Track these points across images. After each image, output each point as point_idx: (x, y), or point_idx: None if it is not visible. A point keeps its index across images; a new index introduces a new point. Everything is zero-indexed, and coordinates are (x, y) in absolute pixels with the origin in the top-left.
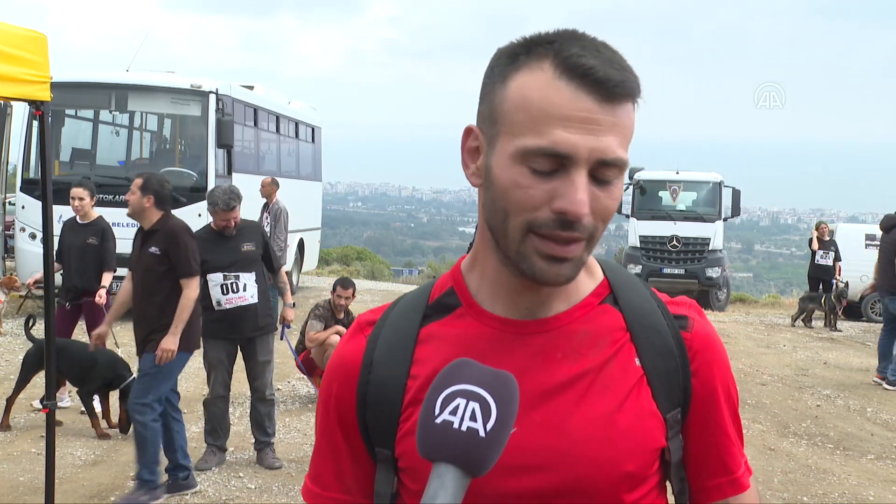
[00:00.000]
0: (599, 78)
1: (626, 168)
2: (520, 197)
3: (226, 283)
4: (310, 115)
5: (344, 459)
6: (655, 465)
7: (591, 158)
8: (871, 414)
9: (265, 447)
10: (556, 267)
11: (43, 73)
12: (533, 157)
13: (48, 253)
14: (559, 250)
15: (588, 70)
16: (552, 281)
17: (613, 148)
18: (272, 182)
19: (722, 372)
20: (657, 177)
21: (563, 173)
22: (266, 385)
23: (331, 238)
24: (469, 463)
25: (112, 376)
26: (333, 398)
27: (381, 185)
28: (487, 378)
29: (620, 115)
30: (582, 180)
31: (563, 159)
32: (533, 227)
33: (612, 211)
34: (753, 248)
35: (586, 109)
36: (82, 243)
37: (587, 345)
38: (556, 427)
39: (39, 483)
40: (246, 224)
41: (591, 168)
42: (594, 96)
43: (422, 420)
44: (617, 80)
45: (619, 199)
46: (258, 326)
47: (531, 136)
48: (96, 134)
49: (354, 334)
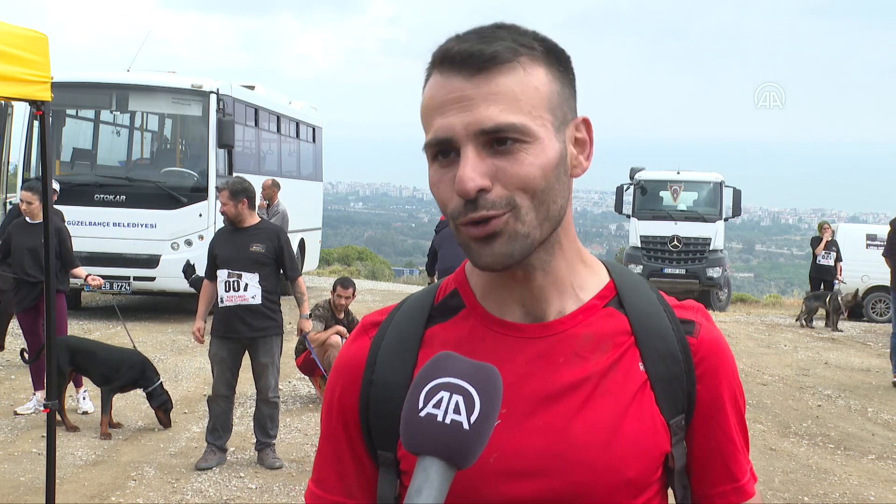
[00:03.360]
0: (456, 54)
1: (530, 129)
2: (437, 193)
3: (229, 280)
4: (310, 115)
5: (347, 462)
6: (658, 472)
7: (468, 133)
8: (872, 414)
9: (265, 447)
10: (489, 247)
11: (44, 73)
12: (431, 153)
13: (48, 252)
14: (478, 231)
15: (446, 52)
16: (491, 263)
17: (493, 115)
18: (273, 184)
19: (728, 378)
20: (658, 177)
21: (457, 158)
22: (269, 387)
23: (332, 238)
24: (454, 456)
25: (139, 376)
26: (337, 400)
27: (381, 185)
28: (470, 371)
29: (496, 83)
30: (467, 157)
31: (448, 143)
32: (454, 219)
33: (528, 177)
34: (754, 248)
35: (456, 89)
36: (36, 244)
37: (590, 349)
38: (558, 432)
39: (40, 483)
40: (264, 226)
41: (481, 141)
42: (461, 74)
43: (406, 414)
44: (474, 51)
45: (540, 163)
46: (256, 328)
47: (426, 135)
48: (97, 134)
49: (359, 336)
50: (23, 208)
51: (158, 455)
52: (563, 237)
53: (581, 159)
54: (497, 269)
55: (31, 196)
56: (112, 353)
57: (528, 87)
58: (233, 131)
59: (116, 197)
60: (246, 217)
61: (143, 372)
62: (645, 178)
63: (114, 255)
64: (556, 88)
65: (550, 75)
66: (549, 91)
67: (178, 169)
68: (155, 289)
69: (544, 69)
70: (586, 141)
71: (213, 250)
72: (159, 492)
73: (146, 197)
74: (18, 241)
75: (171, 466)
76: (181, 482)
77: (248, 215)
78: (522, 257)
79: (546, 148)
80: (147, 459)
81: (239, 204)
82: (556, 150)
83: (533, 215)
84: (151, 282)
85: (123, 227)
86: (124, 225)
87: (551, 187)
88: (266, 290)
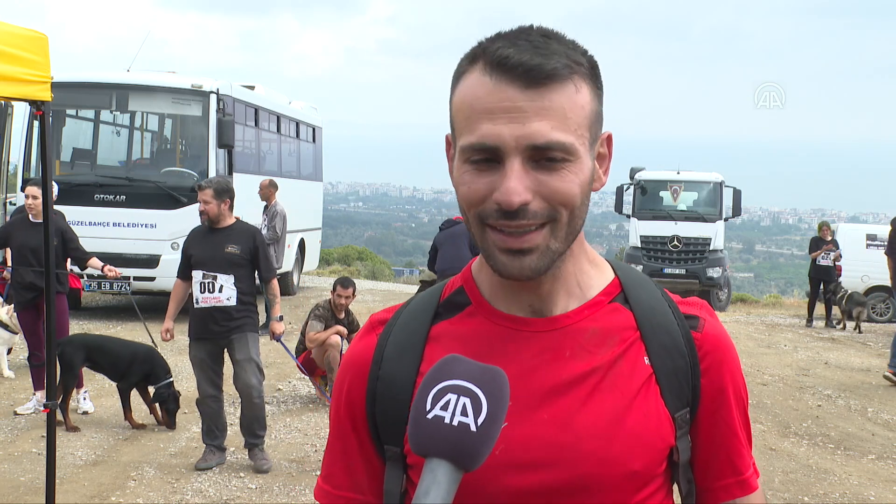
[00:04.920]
0: (515, 65)
1: (575, 149)
2: (466, 193)
3: (204, 281)
4: (310, 115)
5: (355, 458)
6: (663, 466)
7: (519, 146)
8: (872, 414)
9: (252, 448)
10: (518, 260)
11: (44, 73)
12: (470, 154)
13: (48, 251)
14: (514, 242)
15: (503, 59)
16: (517, 275)
17: (544, 132)
18: (270, 184)
19: (732, 372)
20: (658, 177)
21: (499, 165)
22: (250, 387)
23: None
24: (461, 457)
25: (149, 371)
26: (344, 396)
27: (381, 184)
28: (477, 373)
29: (550, 98)
30: (513, 169)
31: (494, 151)
32: (483, 219)
33: (569, 193)
34: (754, 248)
35: (508, 99)
36: (39, 243)
37: (595, 343)
38: (563, 425)
39: (40, 483)
40: (240, 226)
41: (528, 155)
42: (516, 84)
43: (413, 416)
44: (533, 65)
45: (580, 181)
46: (230, 327)
47: (467, 135)
48: (97, 134)
49: (366, 333)
50: (28, 203)
51: (158, 455)
52: (575, 243)
53: (601, 174)
54: (522, 280)
55: (36, 190)
56: (125, 347)
57: (577, 105)
58: (233, 131)
59: (116, 197)
60: (225, 218)
61: (153, 367)
62: (645, 178)
63: (114, 256)
64: (595, 106)
65: (592, 93)
66: (591, 110)
67: (177, 169)
68: (155, 289)
69: (589, 87)
70: (606, 156)
71: (187, 250)
72: (159, 492)
73: (146, 197)
74: (20, 239)
75: (171, 466)
76: (181, 482)
77: (227, 216)
78: (546, 271)
79: (584, 166)
80: (147, 459)
81: (222, 204)
82: (590, 167)
83: (566, 231)
84: (151, 282)
85: (123, 227)
86: (124, 225)
87: (584, 204)
88: (241, 291)
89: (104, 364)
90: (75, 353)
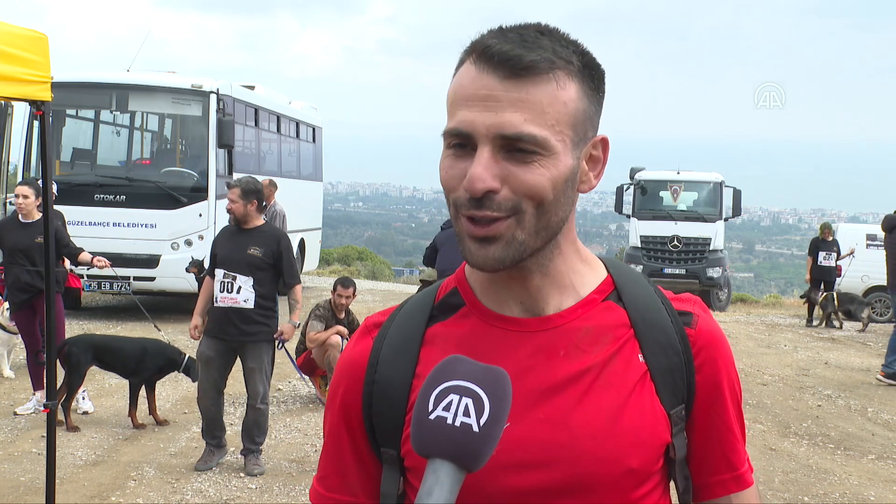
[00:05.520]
0: (494, 55)
1: (550, 144)
2: (444, 178)
3: (224, 280)
4: (310, 115)
5: (349, 461)
6: (659, 463)
7: (489, 134)
8: (872, 414)
9: (249, 453)
10: (484, 249)
11: (44, 73)
12: (449, 140)
13: (48, 251)
14: (480, 230)
15: (486, 49)
16: (481, 264)
17: (515, 123)
18: (270, 184)
19: (726, 368)
20: (658, 177)
21: (473, 152)
22: (257, 394)
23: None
24: (464, 458)
25: (164, 362)
26: (340, 399)
27: (382, 184)
28: (479, 374)
29: (528, 91)
30: (482, 156)
31: (468, 137)
32: (457, 207)
33: (536, 186)
34: (754, 248)
35: (486, 87)
36: (30, 243)
37: (590, 341)
38: (559, 424)
39: (40, 483)
40: (266, 229)
41: (499, 144)
42: (495, 74)
43: (416, 416)
44: (512, 55)
45: (551, 176)
46: (246, 332)
47: (448, 121)
48: (97, 134)
49: (362, 336)
50: (17, 203)
51: (158, 455)
52: (563, 241)
53: (591, 176)
54: (487, 271)
55: (27, 189)
56: (132, 344)
57: (557, 101)
58: (233, 131)
59: (116, 197)
60: (252, 218)
61: (167, 357)
62: (645, 178)
63: (114, 256)
64: (583, 106)
65: (581, 92)
66: (576, 108)
67: (178, 169)
68: (155, 289)
69: (577, 85)
70: (600, 159)
71: (214, 248)
72: (159, 492)
73: (146, 197)
74: (11, 240)
75: (171, 466)
76: (181, 482)
77: (254, 217)
78: (513, 263)
79: (560, 162)
80: (147, 459)
81: (248, 204)
82: (569, 165)
83: (534, 224)
84: (151, 282)
85: (123, 227)
86: (124, 225)
87: (557, 200)
88: (260, 295)
89: (114, 363)
90: (82, 354)
